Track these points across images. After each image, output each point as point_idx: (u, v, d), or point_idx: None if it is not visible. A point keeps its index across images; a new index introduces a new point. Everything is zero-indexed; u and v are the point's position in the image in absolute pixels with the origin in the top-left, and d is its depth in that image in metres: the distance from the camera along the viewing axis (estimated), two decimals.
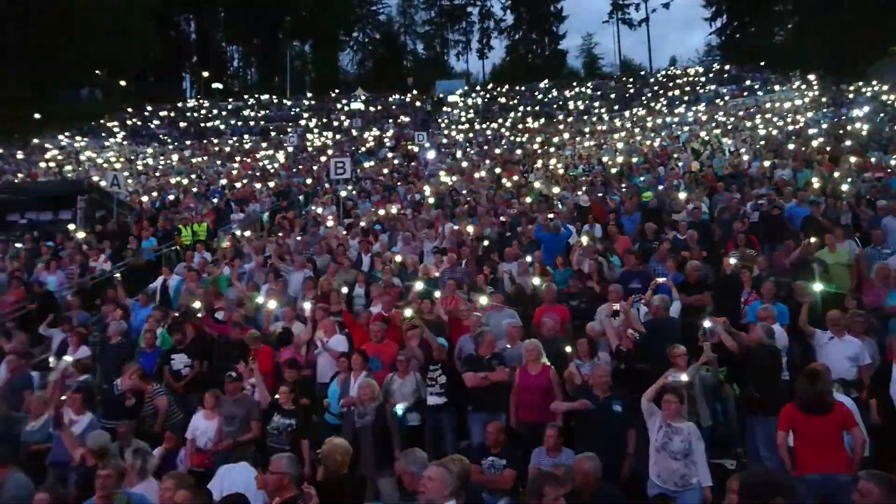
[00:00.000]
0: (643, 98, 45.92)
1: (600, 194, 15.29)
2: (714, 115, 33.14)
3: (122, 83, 61.37)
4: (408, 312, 7.49)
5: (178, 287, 11.40)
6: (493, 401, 6.97)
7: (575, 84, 56.60)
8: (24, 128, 46.58)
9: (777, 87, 41.53)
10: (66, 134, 44.89)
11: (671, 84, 49.60)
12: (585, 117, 41.16)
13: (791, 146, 19.31)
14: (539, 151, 27.59)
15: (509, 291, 9.54)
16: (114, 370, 8.34)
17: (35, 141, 41.40)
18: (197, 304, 9.50)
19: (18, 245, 14.95)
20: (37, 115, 50.21)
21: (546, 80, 58.34)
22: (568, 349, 7.17)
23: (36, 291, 11.34)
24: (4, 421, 7.22)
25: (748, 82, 46.13)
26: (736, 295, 8.61)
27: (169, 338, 9.06)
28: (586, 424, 6.25)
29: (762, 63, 52.28)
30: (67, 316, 9.95)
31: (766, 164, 16.76)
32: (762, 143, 21.87)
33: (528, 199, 15.61)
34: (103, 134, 45.47)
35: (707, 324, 6.92)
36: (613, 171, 19.23)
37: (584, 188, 16.71)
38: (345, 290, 10.01)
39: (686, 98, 43.09)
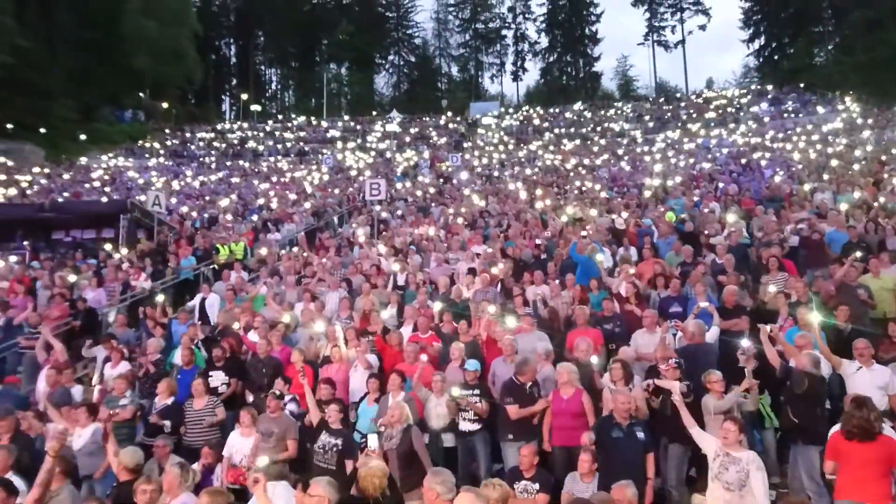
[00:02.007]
0: (679, 120, 45.60)
1: (633, 217, 15.19)
2: (753, 137, 32.74)
3: (165, 105, 63.12)
4: (455, 392, 7.29)
5: (215, 305, 11.62)
6: (528, 426, 6.94)
7: (610, 106, 56.48)
8: (71, 149, 48.12)
9: (819, 109, 40.90)
10: (111, 155, 46.15)
11: (708, 106, 49.18)
12: (620, 139, 41.01)
13: (832, 169, 18.96)
14: (573, 173, 27.53)
15: (541, 314, 9.51)
16: (152, 387, 8.57)
17: (81, 161, 42.64)
18: (237, 324, 9.65)
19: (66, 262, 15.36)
20: (83, 137, 51.89)
21: (580, 102, 58.32)
22: (606, 376, 7.10)
23: (79, 308, 11.62)
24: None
25: (788, 104, 45.51)
26: (772, 321, 8.45)
27: (203, 355, 9.22)
28: (609, 451, 6.17)
29: (802, 85, 51.57)
30: (110, 333, 10.16)
31: (807, 187, 16.47)
32: (800, 166, 21.54)
33: (563, 221, 15.57)
34: (146, 154, 46.68)
35: (745, 343, 6.81)
36: (648, 193, 19.08)
37: (619, 211, 16.60)
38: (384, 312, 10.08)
39: (723, 120, 42.68)
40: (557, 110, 56.18)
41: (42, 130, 50.15)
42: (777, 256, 10.40)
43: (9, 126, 49.11)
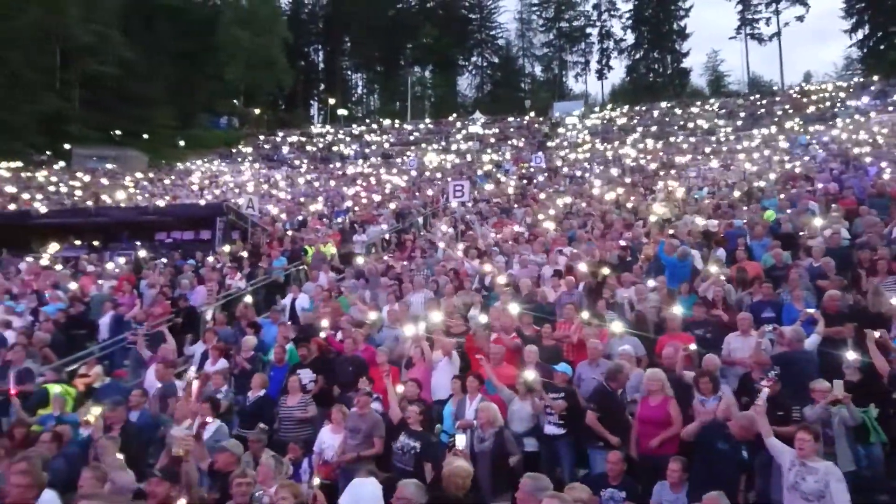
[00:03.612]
0: (774, 116, 43.59)
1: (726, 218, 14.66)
2: (856, 132, 30.89)
3: (257, 111, 65.73)
4: (529, 376, 7.37)
5: (304, 305, 12.01)
6: (615, 433, 6.79)
7: (699, 102, 54.64)
8: (171, 154, 50.86)
9: None
10: (207, 159, 48.43)
11: (805, 100, 46.79)
12: (710, 137, 39.61)
13: None
14: (661, 173, 26.80)
15: (629, 318, 9.32)
16: (246, 382, 8.96)
17: (180, 166, 44.97)
18: (325, 323, 9.95)
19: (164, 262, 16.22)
20: (182, 143, 54.73)
21: (668, 100, 56.72)
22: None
23: (180, 306, 12.25)
24: (154, 425, 7.84)
25: (895, 97, 42.67)
26: (882, 327, 7.96)
27: (296, 353, 9.55)
28: (707, 461, 5.96)
29: None
30: (212, 329, 10.66)
31: None
32: None
33: (650, 221, 15.20)
34: (239, 159, 48.69)
35: (850, 356, 6.46)
36: (739, 193, 18.34)
37: (708, 211, 16.07)
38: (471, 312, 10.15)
39: (822, 115, 40.50)
40: (644, 108, 54.84)
41: (144, 137, 53.28)
42: (886, 258, 9.81)
43: (115, 133, 52.52)
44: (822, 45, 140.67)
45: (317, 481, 5.51)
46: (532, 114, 57.76)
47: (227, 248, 16.75)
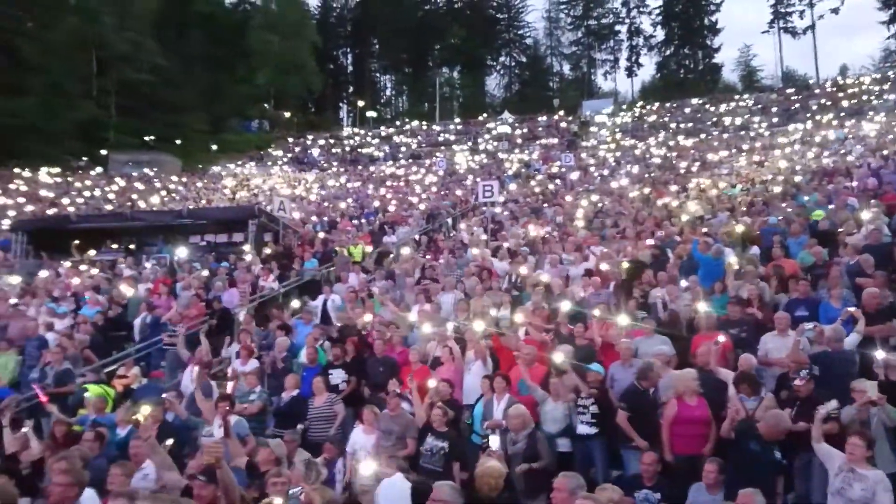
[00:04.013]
0: (809, 111, 42.74)
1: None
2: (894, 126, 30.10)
3: (287, 114, 66.46)
4: (557, 359, 7.40)
5: (338, 305, 12.10)
6: (647, 433, 6.74)
7: (731, 98, 53.77)
8: (204, 158, 51.72)
9: None
10: (238, 163, 49.10)
11: (841, 94, 45.77)
12: (743, 133, 38.98)
13: None
14: (693, 170, 26.46)
15: (662, 317, 9.20)
16: (280, 383, 9.06)
17: (213, 170, 45.67)
18: (360, 321, 10.01)
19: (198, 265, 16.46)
20: (214, 147, 55.61)
21: (699, 96, 55.95)
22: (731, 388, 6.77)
23: (215, 308, 12.42)
24: (189, 426, 7.98)
25: None
26: None
27: (327, 354, 9.63)
28: (740, 463, 5.86)
29: None
30: (246, 330, 10.80)
31: None
32: None
33: (682, 220, 15.00)
34: (269, 162, 49.25)
35: (879, 355, 6.30)
36: (776, 189, 18.00)
37: (741, 208, 15.81)
38: (494, 312, 10.11)
39: (860, 109, 39.56)
40: (675, 105, 54.18)
41: (178, 142, 54.27)
42: None
43: (149, 139, 53.61)
44: (857, 38, 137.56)
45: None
46: (561, 113, 57.41)
47: (268, 250, 16.94)
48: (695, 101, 54.40)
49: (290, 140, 58.27)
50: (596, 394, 7.18)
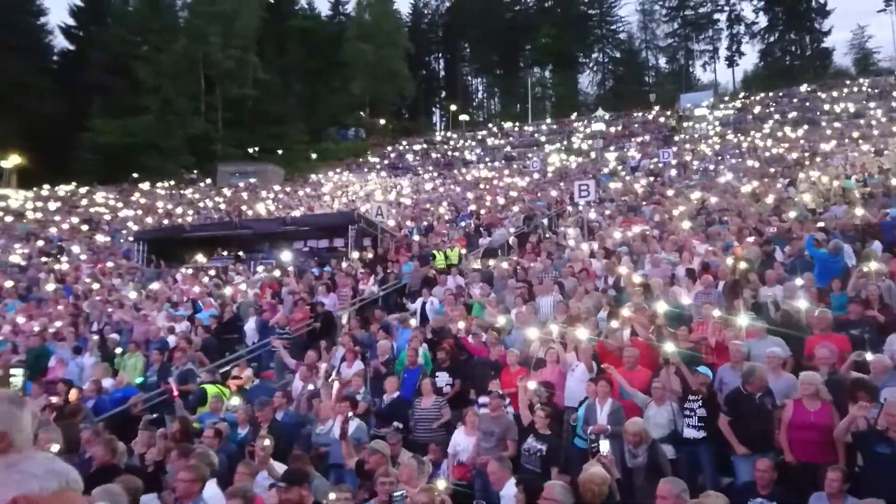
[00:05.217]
0: None
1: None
2: None
3: (382, 121, 68.01)
4: (669, 349, 7.21)
5: (434, 308, 12.26)
6: (760, 438, 6.43)
7: (844, 84, 50.50)
8: (304, 167, 53.79)
9: None
10: (337, 170, 50.68)
11: None
12: (858, 120, 36.52)
13: None
14: (805, 163, 25.03)
15: (774, 318, 8.76)
16: (381, 385, 9.28)
17: (313, 178, 47.37)
18: (461, 325, 10.13)
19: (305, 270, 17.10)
20: (314, 156, 57.71)
21: (808, 83, 52.90)
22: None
23: (318, 311, 12.87)
24: (298, 424, 8.32)
25: None
26: None
27: (428, 356, 9.77)
28: (870, 468, 5.49)
29: None
30: (349, 333, 11.14)
31: None
32: None
33: (792, 215, 14.25)
34: (366, 169, 50.50)
35: None
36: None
37: (858, 202, 14.83)
38: (594, 314, 9.96)
39: None
40: (781, 94, 51.46)
41: (280, 152, 56.69)
42: None
43: (253, 150, 56.36)
44: None
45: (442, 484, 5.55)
46: (657, 107, 55.75)
47: (355, 255, 17.39)
48: (803, 88, 51.50)
49: (387, 147, 59.52)
50: (704, 396, 6.94)
